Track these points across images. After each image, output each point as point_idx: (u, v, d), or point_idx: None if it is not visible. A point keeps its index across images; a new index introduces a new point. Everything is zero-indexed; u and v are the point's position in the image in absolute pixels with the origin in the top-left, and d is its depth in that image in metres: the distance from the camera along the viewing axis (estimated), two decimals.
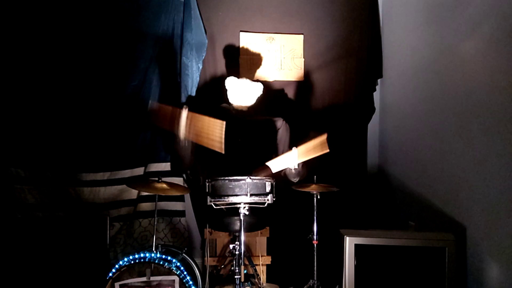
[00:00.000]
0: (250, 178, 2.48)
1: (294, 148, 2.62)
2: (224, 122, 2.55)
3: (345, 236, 2.41)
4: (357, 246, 2.40)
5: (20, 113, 3.07)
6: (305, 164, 2.75)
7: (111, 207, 3.19)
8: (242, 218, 2.45)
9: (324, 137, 2.64)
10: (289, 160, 2.61)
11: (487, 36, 2.27)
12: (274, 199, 2.54)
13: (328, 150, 2.62)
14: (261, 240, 3.07)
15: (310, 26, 3.56)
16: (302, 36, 3.55)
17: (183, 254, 2.74)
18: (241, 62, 3.49)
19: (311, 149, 2.63)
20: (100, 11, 3.18)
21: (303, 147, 2.62)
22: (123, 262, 2.47)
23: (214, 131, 2.54)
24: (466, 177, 2.42)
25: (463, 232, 2.42)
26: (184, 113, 2.52)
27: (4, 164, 3.03)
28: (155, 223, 2.64)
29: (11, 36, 3.04)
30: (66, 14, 3.12)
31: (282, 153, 2.84)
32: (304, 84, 3.54)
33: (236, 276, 2.45)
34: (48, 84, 3.10)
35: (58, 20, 3.11)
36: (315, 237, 2.78)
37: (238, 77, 2.96)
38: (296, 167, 2.65)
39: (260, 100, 2.98)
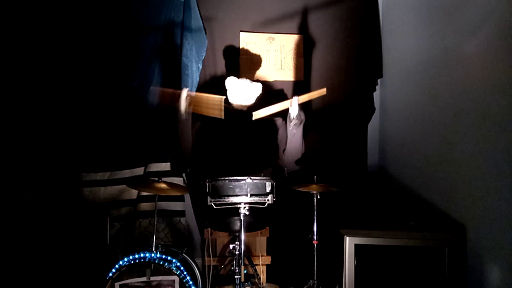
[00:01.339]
0: (250, 178, 2.48)
1: (295, 97, 2.63)
2: (223, 97, 2.60)
3: (345, 236, 2.41)
4: (357, 246, 2.40)
5: (20, 113, 3.07)
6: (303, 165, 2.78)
7: (111, 207, 3.19)
8: (242, 218, 2.46)
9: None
10: (291, 107, 2.65)
11: (487, 36, 2.27)
12: (274, 199, 2.54)
13: (325, 92, 2.67)
14: (261, 240, 3.08)
15: (310, 26, 3.55)
16: (302, 36, 3.55)
17: (183, 254, 2.74)
18: (241, 62, 3.49)
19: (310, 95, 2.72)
20: (100, 12, 3.18)
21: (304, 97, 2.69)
22: (123, 262, 2.47)
23: (214, 103, 2.62)
24: (466, 177, 2.42)
25: (463, 232, 2.42)
26: (184, 92, 2.60)
27: (4, 164, 3.03)
28: (155, 223, 2.64)
29: (12, 35, 3.04)
30: (66, 14, 3.12)
31: (283, 152, 2.85)
32: (304, 84, 3.54)
33: (236, 276, 2.46)
34: (48, 84, 3.10)
35: (59, 21, 3.11)
36: (315, 237, 2.78)
37: (238, 77, 2.97)
38: (296, 113, 2.66)
39: (260, 100, 2.98)
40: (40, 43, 3.09)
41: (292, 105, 2.63)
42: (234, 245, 2.54)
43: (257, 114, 2.64)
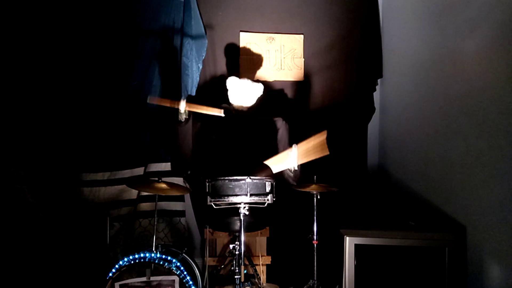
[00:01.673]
0: (250, 178, 2.48)
1: (294, 145, 2.61)
2: (222, 111, 2.62)
3: (345, 236, 2.41)
4: (357, 246, 2.40)
5: (20, 113, 3.07)
6: (302, 166, 2.78)
7: (111, 207, 3.19)
8: (242, 218, 2.45)
9: (323, 136, 2.64)
10: (289, 159, 2.61)
11: (487, 36, 2.27)
12: (274, 199, 2.54)
13: (328, 153, 2.62)
14: (261, 240, 3.08)
15: (310, 26, 3.56)
16: (302, 36, 3.55)
17: (183, 254, 2.74)
18: (241, 62, 3.49)
19: (311, 149, 2.64)
20: (100, 11, 3.18)
21: (303, 146, 2.63)
22: (123, 262, 2.47)
23: (213, 111, 2.65)
24: (466, 177, 2.42)
25: (463, 232, 2.42)
26: (182, 104, 2.61)
27: (4, 164, 3.03)
28: (155, 223, 2.63)
29: (12, 35, 3.04)
30: (67, 15, 3.13)
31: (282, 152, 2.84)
32: (304, 84, 3.54)
33: (236, 276, 2.45)
34: (48, 84, 3.11)
35: (59, 21, 3.12)
36: (315, 237, 2.78)
37: (238, 77, 2.97)
38: (296, 168, 2.64)
39: (260, 100, 2.98)
40: (41, 44, 3.09)
41: (293, 151, 2.61)
42: (234, 245, 2.53)
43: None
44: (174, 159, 3.28)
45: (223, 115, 2.65)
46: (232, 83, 2.91)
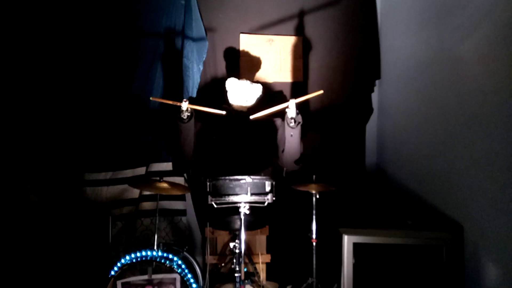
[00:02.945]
0: (250, 177, 2.51)
1: (292, 100, 2.64)
2: (224, 112, 2.64)
3: (343, 235, 2.44)
4: (355, 245, 2.42)
5: (23, 113, 3.10)
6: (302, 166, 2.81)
7: (113, 206, 3.22)
8: (242, 217, 2.48)
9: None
10: (289, 109, 2.65)
11: (486, 36, 2.28)
12: (274, 198, 2.57)
13: (322, 92, 2.66)
14: (261, 239, 3.11)
15: (309, 28, 3.58)
16: (301, 38, 3.58)
17: (184, 253, 2.77)
18: (241, 64, 3.52)
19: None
20: (102, 13, 3.22)
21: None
22: (125, 261, 2.50)
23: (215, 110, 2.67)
24: (464, 177, 2.44)
25: (460, 231, 2.44)
26: (185, 105, 2.61)
27: (7, 163, 3.05)
28: (157, 222, 2.67)
29: (14, 36, 3.07)
30: (69, 16, 3.16)
31: (282, 152, 2.88)
32: (303, 85, 3.57)
33: (236, 274, 2.48)
34: (51, 85, 3.14)
35: (62, 22, 3.15)
36: (314, 235, 2.81)
37: (238, 78, 3.00)
38: (294, 114, 2.66)
39: (260, 101, 3.01)
40: (43, 45, 3.12)
41: (290, 107, 2.65)
42: (234, 243, 2.55)
43: (255, 115, 2.68)
44: (175, 159, 3.31)
45: (224, 113, 2.67)
46: (232, 84, 2.94)
